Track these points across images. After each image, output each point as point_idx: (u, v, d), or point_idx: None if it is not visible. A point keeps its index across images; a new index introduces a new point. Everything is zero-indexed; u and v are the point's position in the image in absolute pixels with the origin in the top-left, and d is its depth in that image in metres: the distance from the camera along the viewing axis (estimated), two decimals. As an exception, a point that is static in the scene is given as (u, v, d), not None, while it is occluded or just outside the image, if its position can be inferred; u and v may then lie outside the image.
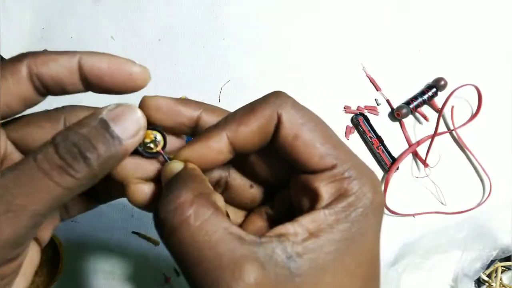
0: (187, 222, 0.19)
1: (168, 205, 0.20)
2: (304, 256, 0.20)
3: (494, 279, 0.54)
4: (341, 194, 0.22)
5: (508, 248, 0.53)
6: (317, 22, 0.66)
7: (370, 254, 0.22)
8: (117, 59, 0.24)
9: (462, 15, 0.66)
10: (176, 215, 0.20)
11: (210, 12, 0.66)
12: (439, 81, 0.61)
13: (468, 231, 0.55)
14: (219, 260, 0.19)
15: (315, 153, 0.22)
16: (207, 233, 0.19)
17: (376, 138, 0.60)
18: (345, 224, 0.21)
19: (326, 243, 0.20)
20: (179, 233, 0.19)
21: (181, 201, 0.20)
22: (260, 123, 0.22)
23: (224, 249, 0.19)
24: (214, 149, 0.23)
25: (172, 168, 0.23)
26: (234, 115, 0.23)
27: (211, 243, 0.19)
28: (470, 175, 0.61)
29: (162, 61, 0.65)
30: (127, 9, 0.67)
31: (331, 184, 0.22)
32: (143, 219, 0.59)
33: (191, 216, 0.19)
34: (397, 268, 0.53)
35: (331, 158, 0.22)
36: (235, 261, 0.19)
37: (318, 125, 0.23)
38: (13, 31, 0.66)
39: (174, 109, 0.24)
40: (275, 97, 0.23)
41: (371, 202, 0.22)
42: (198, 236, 0.19)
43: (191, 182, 0.21)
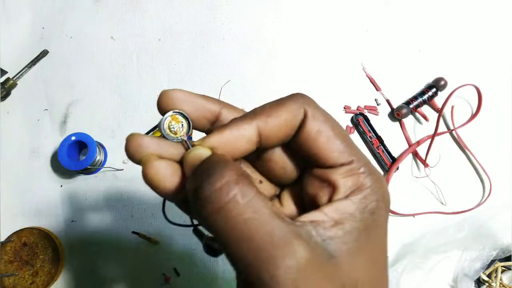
0: (234, 200, 0.20)
1: (214, 184, 0.20)
2: (336, 239, 0.21)
3: (494, 279, 0.54)
4: (357, 187, 0.23)
5: (508, 248, 0.53)
6: (317, 22, 0.66)
7: (384, 244, 0.24)
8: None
9: (462, 15, 0.66)
10: (222, 193, 0.20)
11: (210, 12, 0.66)
12: (439, 81, 0.61)
13: (468, 231, 0.55)
14: (270, 236, 0.19)
15: (335, 148, 0.24)
16: (255, 211, 0.20)
17: (376, 138, 0.60)
18: (364, 214, 0.22)
19: (351, 230, 0.22)
20: (226, 212, 0.20)
21: (226, 180, 0.20)
22: (288, 116, 0.23)
23: (274, 226, 0.20)
24: (244, 137, 0.23)
25: (199, 154, 0.23)
26: (263, 107, 0.24)
27: (260, 221, 0.20)
28: (470, 175, 0.61)
29: (162, 61, 0.65)
30: (127, 9, 0.67)
31: (348, 178, 0.23)
32: (143, 219, 0.59)
33: (238, 195, 0.20)
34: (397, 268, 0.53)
35: (349, 154, 0.24)
36: (286, 238, 0.20)
37: (336, 124, 0.25)
38: (13, 31, 0.66)
39: (197, 102, 0.25)
40: (300, 96, 0.25)
41: (383, 197, 0.24)
42: (246, 214, 0.20)
43: (231, 164, 0.21)
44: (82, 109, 0.63)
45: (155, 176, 0.23)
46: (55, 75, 0.65)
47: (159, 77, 0.64)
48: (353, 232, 0.22)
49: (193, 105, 0.24)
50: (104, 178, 0.60)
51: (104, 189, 0.60)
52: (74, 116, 0.63)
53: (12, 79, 0.63)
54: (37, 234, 0.57)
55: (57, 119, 0.63)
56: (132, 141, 0.23)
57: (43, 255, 0.56)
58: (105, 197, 0.60)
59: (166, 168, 0.23)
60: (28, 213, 0.60)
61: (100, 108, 0.63)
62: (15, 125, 0.63)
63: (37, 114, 0.63)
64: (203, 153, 0.23)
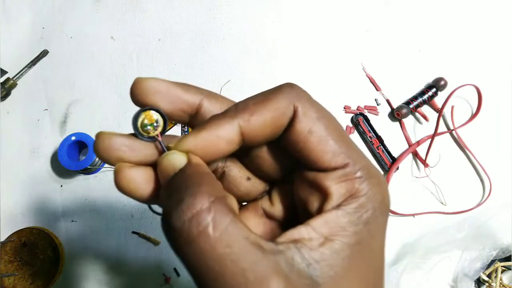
0: (205, 233, 0.17)
1: (183, 214, 0.18)
2: (322, 262, 0.19)
3: (494, 279, 0.54)
4: (351, 194, 0.21)
5: (508, 248, 0.53)
6: (317, 22, 0.66)
7: (379, 256, 0.22)
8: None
9: (462, 15, 0.66)
10: (193, 225, 0.18)
11: (210, 12, 0.66)
12: (439, 81, 0.61)
13: (468, 231, 0.55)
14: (243, 275, 0.17)
15: (328, 150, 0.21)
16: (227, 245, 0.18)
17: (376, 138, 0.60)
18: (357, 226, 0.20)
19: (341, 247, 0.20)
20: (196, 245, 0.17)
21: (198, 209, 0.18)
22: (275, 114, 0.21)
23: (247, 262, 0.18)
24: (224, 138, 0.21)
25: (173, 161, 0.20)
26: (247, 103, 0.21)
27: (233, 256, 0.17)
28: (470, 175, 0.61)
29: (162, 61, 0.65)
30: (127, 9, 0.67)
31: (342, 184, 0.21)
32: (143, 219, 0.59)
33: (209, 226, 0.18)
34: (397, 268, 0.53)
35: (344, 156, 0.21)
36: (260, 275, 0.18)
37: (332, 122, 0.22)
38: (13, 31, 0.66)
39: (173, 93, 0.22)
40: (290, 88, 0.22)
41: (380, 204, 0.21)
42: (218, 249, 0.17)
43: (205, 184, 0.19)
44: (82, 109, 0.63)
45: (128, 186, 0.21)
46: (55, 75, 0.65)
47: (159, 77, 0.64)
48: (343, 249, 0.20)
49: (169, 98, 0.22)
50: (104, 178, 0.60)
51: (104, 189, 0.60)
52: (74, 116, 0.63)
53: (12, 79, 0.63)
54: (37, 234, 0.57)
55: (57, 119, 0.63)
56: (100, 142, 0.21)
57: (43, 255, 0.56)
58: (105, 197, 0.60)
59: (139, 176, 0.21)
60: (28, 213, 0.60)
61: (100, 108, 0.63)
62: (15, 125, 0.63)
63: (37, 114, 0.63)
64: (177, 161, 0.20)
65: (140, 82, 0.22)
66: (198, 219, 0.18)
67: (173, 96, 0.22)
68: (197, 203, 0.18)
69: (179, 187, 0.19)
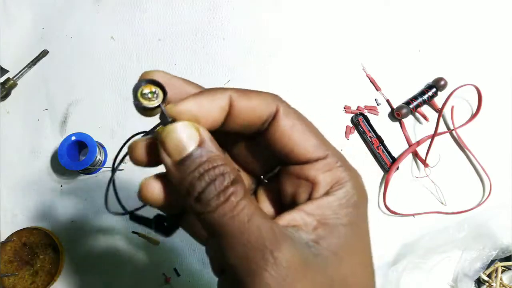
0: (230, 200, 0.21)
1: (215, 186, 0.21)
2: (320, 241, 0.22)
3: (494, 279, 0.54)
4: (336, 181, 0.23)
5: (508, 248, 0.53)
6: (317, 22, 0.66)
7: (368, 237, 0.24)
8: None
9: (462, 15, 0.66)
10: (221, 195, 0.20)
11: (210, 12, 0.66)
12: (439, 81, 0.61)
13: (468, 231, 0.55)
14: (260, 234, 0.20)
15: (311, 143, 0.24)
16: (246, 211, 0.21)
17: (376, 138, 0.60)
18: (347, 209, 0.23)
19: (336, 228, 0.22)
20: (222, 210, 0.20)
21: (227, 182, 0.21)
22: (260, 102, 0.24)
23: (262, 225, 0.20)
24: (217, 104, 0.23)
25: (186, 135, 0.21)
26: (239, 88, 0.24)
27: (251, 219, 0.20)
28: (470, 175, 0.61)
29: (162, 61, 0.65)
30: (127, 9, 0.67)
31: (327, 173, 0.23)
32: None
33: (233, 195, 0.21)
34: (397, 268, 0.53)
35: (324, 148, 0.24)
36: (274, 236, 0.20)
37: (308, 121, 0.25)
38: (13, 31, 0.66)
39: (175, 83, 0.24)
40: (275, 95, 0.25)
41: (361, 190, 0.24)
42: (239, 213, 0.20)
43: (229, 163, 0.22)
44: (82, 109, 0.63)
45: (149, 199, 0.25)
46: (55, 75, 0.65)
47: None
48: (337, 229, 0.22)
49: (173, 87, 0.24)
50: (104, 178, 0.60)
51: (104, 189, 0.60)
52: (74, 116, 0.63)
53: (12, 79, 0.63)
54: (37, 234, 0.57)
55: (57, 119, 0.63)
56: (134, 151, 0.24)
57: (43, 255, 0.56)
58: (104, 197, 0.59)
59: (155, 186, 0.24)
60: (28, 213, 0.60)
61: (100, 108, 0.63)
62: (15, 125, 0.63)
63: (37, 114, 0.63)
64: (188, 135, 0.22)
65: (146, 74, 0.23)
66: (227, 190, 0.21)
67: (175, 86, 0.24)
68: (226, 177, 0.21)
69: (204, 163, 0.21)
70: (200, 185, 0.21)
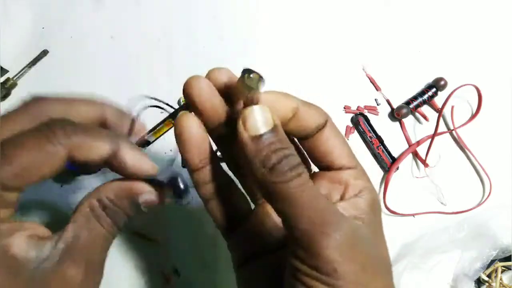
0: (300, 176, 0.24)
1: (289, 163, 0.24)
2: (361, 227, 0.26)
3: (494, 279, 0.54)
4: (363, 188, 0.28)
5: (508, 248, 0.53)
6: (317, 22, 0.66)
7: (385, 243, 0.29)
8: (142, 158, 0.27)
9: (462, 15, 0.66)
10: (293, 170, 0.24)
11: (209, 12, 0.67)
12: (439, 81, 0.61)
13: (468, 231, 0.55)
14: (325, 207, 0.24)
15: (345, 153, 0.29)
16: (312, 187, 0.24)
17: (376, 138, 0.60)
18: (374, 212, 0.27)
19: (368, 222, 0.27)
20: (294, 182, 0.24)
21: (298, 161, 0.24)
22: (316, 113, 0.29)
23: (325, 201, 0.25)
24: (290, 104, 0.28)
25: (264, 117, 0.25)
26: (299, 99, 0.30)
27: (317, 195, 0.24)
28: (470, 175, 0.61)
29: (162, 61, 0.65)
30: (127, 9, 0.67)
31: (357, 180, 0.28)
32: (143, 219, 0.59)
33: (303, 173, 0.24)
34: (397, 268, 0.53)
35: (355, 161, 0.29)
36: (336, 213, 0.24)
37: (343, 136, 0.30)
38: (13, 31, 0.66)
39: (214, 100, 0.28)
40: (326, 112, 0.30)
41: (378, 200, 0.29)
42: (307, 187, 0.24)
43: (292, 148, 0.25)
44: (82, 109, 0.63)
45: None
46: (55, 75, 0.65)
47: (159, 77, 0.64)
48: (370, 224, 0.27)
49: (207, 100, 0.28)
50: (104, 178, 0.60)
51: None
52: (74, 116, 0.63)
53: (12, 79, 0.63)
54: (37, 234, 0.57)
55: (57, 119, 0.63)
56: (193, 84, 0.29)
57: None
58: (105, 197, 0.59)
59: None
60: (28, 213, 0.59)
61: (100, 108, 0.63)
62: (15, 125, 0.63)
63: (37, 114, 0.63)
64: (267, 118, 0.25)
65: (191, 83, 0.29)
66: (298, 167, 0.24)
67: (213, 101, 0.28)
68: (297, 158, 0.24)
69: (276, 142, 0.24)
70: (276, 157, 0.24)
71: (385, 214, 0.59)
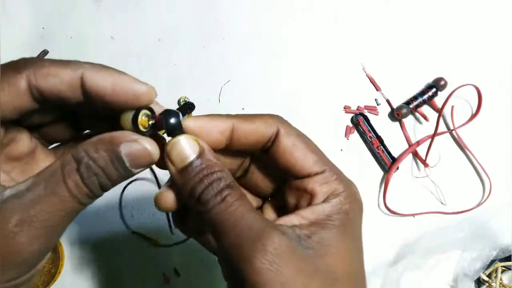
0: (226, 200, 0.24)
1: (213, 188, 0.24)
2: (312, 236, 0.24)
3: (494, 279, 0.54)
4: (332, 192, 0.26)
5: (508, 248, 0.53)
6: (317, 22, 0.66)
7: (360, 241, 0.27)
8: (122, 78, 0.24)
9: (462, 15, 0.66)
10: (217, 196, 0.24)
11: (210, 12, 0.66)
12: (439, 81, 0.61)
13: (468, 231, 0.55)
14: (251, 225, 0.23)
15: (310, 159, 0.27)
16: (240, 208, 0.24)
17: (376, 138, 0.60)
18: (339, 214, 0.26)
19: (326, 227, 0.25)
20: (219, 208, 0.24)
21: (223, 185, 0.24)
22: (261, 125, 0.27)
23: (253, 218, 0.24)
24: (218, 127, 0.26)
25: (188, 146, 0.24)
26: (240, 114, 0.27)
27: (244, 214, 0.24)
28: (470, 175, 0.61)
29: (162, 61, 0.65)
30: (127, 9, 0.67)
31: (324, 185, 0.27)
32: (143, 219, 0.59)
33: (228, 196, 0.24)
34: (397, 268, 0.53)
35: (322, 164, 0.27)
36: (264, 228, 0.23)
37: (308, 139, 0.28)
38: (13, 31, 0.66)
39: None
40: (276, 115, 0.28)
41: (355, 199, 0.27)
42: (233, 209, 0.24)
43: (225, 169, 0.25)
44: (82, 109, 0.63)
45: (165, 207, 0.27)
46: (55, 75, 0.65)
47: (159, 77, 0.64)
48: (330, 228, 0.25)
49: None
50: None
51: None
52: (74, 116, 0.63)
53: (12, 79, 0.63)
54: (37, 234, 0.57)
55: (57, 119, 0.63)
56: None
57: (43, 255, 0.56)
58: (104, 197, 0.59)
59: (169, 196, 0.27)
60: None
61: (100, 108, 0.63)
62: (15, 125, 0.63)
63: (37, 114, 0.63)
64: (190, 145, 0.25)
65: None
66: (223, 192, 0.24)
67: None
68: (223, 181, 0.24)
69: (203, 169, 0.24)
70: (200, 187, 0.24)
71: (385, 214, 0.59)
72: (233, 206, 0.24)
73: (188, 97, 0.62)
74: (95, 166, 0.23)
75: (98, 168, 0.23)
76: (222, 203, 0.23)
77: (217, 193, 0.24)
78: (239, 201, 0.24)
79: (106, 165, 0.23)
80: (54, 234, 0.24)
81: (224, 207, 0.23)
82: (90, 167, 0.23)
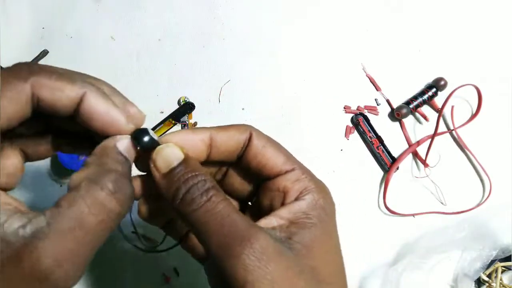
0: (211, 200, 0.24)
1: (198, 189, 0.25)
2: (292, 237, 0.25)
3: (494, 279, 0.54)
4: (304, 189, 0.27)
5: (508, 248, 0.53)
6: (317, 22, 0.66)
7: (337, 235, 0.28)
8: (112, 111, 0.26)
9: (462, 15, 0.66)
10: (203, 196, 0.24)
11: (210, 12, 0.66)
12: (439, 81, 0.61)
13: (468, 231, 0.55)
14: (236, 226, 0.24)
15: (280, 159, 0.29)
16: (224, 209, 0.24)
17: (376, 138, 0.60)
18: (316, 211, 0.26)
19: (305, 226, 0.26)
20: (203, 208, 0.24)
21: (208, 186, 0.25)
22: (235, 132, 0.29)
23: (238, 219, 0.24)
24: (199, 137, 0.28)
25: (172, 153, 0.26)
26: (215, 126, 0.29)
27: (229, 215, 0.24)
28: (470, 175, 0.61)
29: (162, 61, 0.65)
30: (127, 9, 0.67)
31: (295, 183, 0.28)
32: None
33: (213, 196, 0.25)
34: (397, 268, 0.53)
35: (291, 163, 0.29)
36: (249, 228, 0.24)
37: (276, 143, 0.30)
38: (13, 31, 0.66)
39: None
40: (247, 124, 0.30)
41: (327, 194, 0.28)
42: (218, 209, 0.24)
43: (206, 173, 0.26)
44: (82, 109, 0.63)
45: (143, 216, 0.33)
46: (55, 75, 0.65)
47: (159, 77, 0.64)
48: (307, 226, 0.26)
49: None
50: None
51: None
52: (74, 116, 0.63)
53: (12, 79, 0.63)
54: (37, 234, 0.57)
55: (57, 119, 0.63)
56: None
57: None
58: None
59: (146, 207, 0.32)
60: (28, 213, 0.60)
61: (100, 108, 0.63)
62: (15, 125, 0.63)
63: (37, 114, 0.63)
64: (175, 154, 0.26)
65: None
66: (208, 192, 0.25)
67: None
68: (208, 183, 0.25)
69: (189, 175, 0.25)
70: (185, 188, 0.25)
71: (385, 214, 0.59)
72: (219, 206, 0.24)
73: (188, 97, 0.62)
74: (110, 177, 0.25)
75: (113, 180, 0.25)
76: (208, 203, 0.24)
77: (203, 193, 0.24)
78: (225, 202, 0.25)
79: (117, 165, 0.25)
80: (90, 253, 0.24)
81: (210, 206, 0.24)
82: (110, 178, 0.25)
